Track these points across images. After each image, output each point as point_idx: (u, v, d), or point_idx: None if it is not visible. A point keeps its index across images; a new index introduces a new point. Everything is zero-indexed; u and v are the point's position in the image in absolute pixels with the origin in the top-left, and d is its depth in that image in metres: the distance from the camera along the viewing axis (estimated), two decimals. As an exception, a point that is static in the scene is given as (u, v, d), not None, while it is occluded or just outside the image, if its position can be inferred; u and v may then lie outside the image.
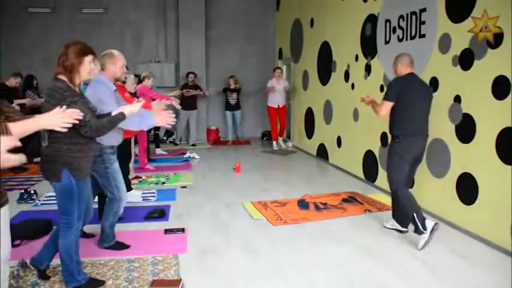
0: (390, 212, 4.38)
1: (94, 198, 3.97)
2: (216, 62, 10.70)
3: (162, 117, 3.48)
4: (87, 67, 2.88)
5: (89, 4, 10.02)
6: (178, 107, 7.40)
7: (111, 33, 10.13)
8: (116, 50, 3.60)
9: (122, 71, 3.65)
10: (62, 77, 2.82)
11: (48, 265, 3.25)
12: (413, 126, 3.92)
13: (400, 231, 4.18)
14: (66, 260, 3.00)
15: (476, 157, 4.01)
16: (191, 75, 9.61)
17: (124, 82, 4.65)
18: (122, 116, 3.05)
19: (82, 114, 2.49)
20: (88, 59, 2.87)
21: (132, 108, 3.12)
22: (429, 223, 3.74)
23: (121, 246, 3.85)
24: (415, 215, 3.75)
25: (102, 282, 3.18)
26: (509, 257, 3.59)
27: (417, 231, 3.77)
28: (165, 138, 10.27)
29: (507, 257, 3.61)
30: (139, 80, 7.28)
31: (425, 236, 3.72)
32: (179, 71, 10.15)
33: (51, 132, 2.77)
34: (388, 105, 3.97)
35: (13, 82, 7.28)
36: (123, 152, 4.81)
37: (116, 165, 3.61)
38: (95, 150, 3.09)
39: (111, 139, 3.50)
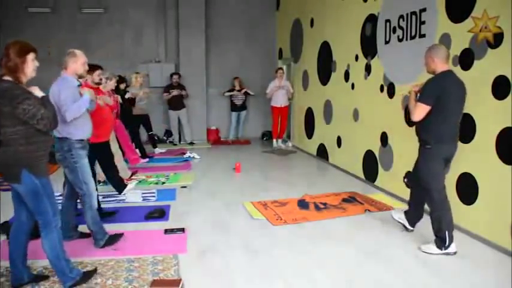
0: (390, 212, 4.39)
1: (77, 199, 3.99)
2: (216, 62, 10.70)
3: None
4: (31, 65, 2.86)
5: (89, 4, 10.01)
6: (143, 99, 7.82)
7: (111, 33, 10.13)
8: (78, 50, 3.70)
9: (83, 68, 3.71)
10: (8, 78, 2.79)
11: (30, 274, 3.18)
12: (445, 132, 3.59)
13: (406, 228, 4.16)
14: (55, 260, 3.00)
15: (476, 157, 4.01)
16: (175, 76, 9.74)
17: (98, 83, 4.73)
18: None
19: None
20: (30, 57, 2.86)
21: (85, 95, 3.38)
22: (453, 247, 3.65)
23: (114, 238, 3.93)
24: (447, 233, 3.63)
25: (94, 270, 3.27)
26: (509, 257, 3.60)
27: (439, 244, 3.68)
28: (165, 138, 10.28)
29: (507, 257, 3.61)
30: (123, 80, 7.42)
31: (439, 251, 3.67)
32: (179, 70, 10.14)
33: (4, 135, 2.76)
34: (425, 109, 3.54)
35: None
36: (105, 152, 4.84)
37: (85, 161, 3.70)
38: (51, 144, 3.05)
39: (79, 133, 3.62)
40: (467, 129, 4.10)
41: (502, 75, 3.69)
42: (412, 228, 4.14)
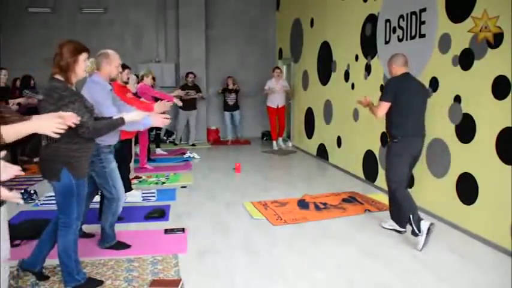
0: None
1: (94, 198, 3.98)
2: (216, 62, 10.70)
3: (158, 118, 3.49)
4: (82, 65, 2.88)
5: (89, 4, 10.02)
6: (180, 103, 7.44)
7: (111, 33, 10.13)
8: (111, 50, 3.60)
9: (118, 70, 3.65)
10: (59, 77, 2.82)
11: (42, 266, 3.22)
12: (411, 126, 3.94)
13: (399, 232, 4.18)
14: (65, 259, 3.00)
15: (476, 157, 4.01)
16: (191, 76, 9.60)
17: (126, 83, 4.67)
18: (121, 122, 3.08)
19: (78, 118, 2.50)
20: (82, 57, 2.87)
21: (133, 117, 3.15)
22: (424, 224, 3.72)
23: (122, 246, 3.85)
24: (411, 216, 3.75)
25: (101, 282, 3.18)
26: (509, 257, 3.59)
27: (413, 233, 3.78)
28: (165, 138, 10.27)
29: (507, 257, 3.61)
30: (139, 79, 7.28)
31: (421, 238, 3.71)
32: (179, 71, 10.14)
33: None
34: (386, 106, 3.98)
35: (2, 78, 6.85)
36: (124, 152, 4.82)
37: (114, 165, 3.61)
38: (93, 150, 3.09)
39: (108, 138, 3.50)
40: (467, 129, 4.10)
41: (502, 75, 3.69)
42: (404, 230, 4.15)
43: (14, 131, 2.01)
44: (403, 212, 3.91)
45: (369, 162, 6.12)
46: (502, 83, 3.69)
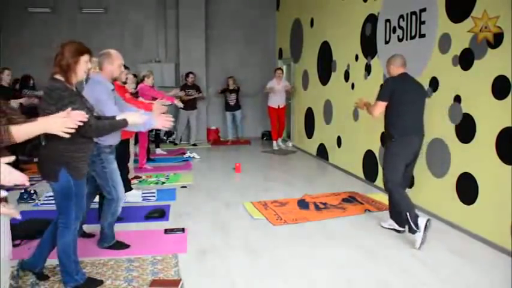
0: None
1: (94, 198, 3.98)
2: (216, 62, 10.70)
3: (161, 119, 3.48)
4: (83, 66, 2.88)
5: (89, 4, 10.02)
6: (181, 105, 7.43)
7: (111, 33, 10.13)
8: (113, 50, 3.60)
9: (120, 70, 3.65)
10: (59, 77, 2.82)
11: (43, 266, 3.23)
12: (408, 125, 3.96)
13: (398, 231, 4.18)
14: (64, 260, 3.00)
15: (476, 157, 4.01)
16: (191, 75, 9.60)
17: (125, 83, 4.67)
18: (124, 123, 3.07)
19: (86, 116, 2.47)
20: (84, 58, 2.87)
21: (136, 120, 3.13)
22: (421, 221, 3.73)
23: (121, 245, 3.85)
24: (407, 214, 3.76)
25: (101, 282, 3.18)
26: (509, 257, 3.59)
27: (411, 230, 3.79)
28: (165, 138, 10.27)
29: (507, 257, 3.61)
30: (138, 79, 7.29)
31: (419, 234, 3.72)
32: (179, 71, 10.14)
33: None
34: (381, 106, 4.01)
35: (5, 78, 6.76)
36: (123, 151, 4.82)
37: (114, 166, 3.61)
38: (92, 150, 3.09)
39: (109, 139, 3.50)
40: (467, 129, 4.10)
41: (502, 75, 3.69)
42: (403, 229, 4.15)
43: (24, 132, 2.01)
44: (400, 211, 3.92)
45: (369, 162, 6.12)
46: (502, 83, 3.69)
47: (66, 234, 2.97)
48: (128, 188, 5.31)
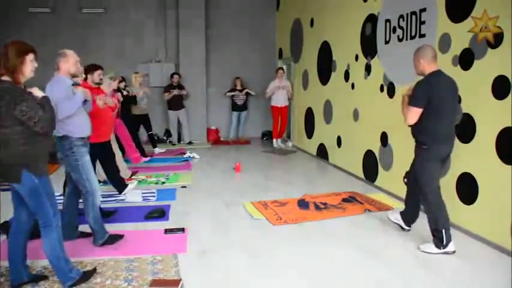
0: (389, 212, 4.39)
1: (79, 197, 3.99)
2: (216, 62, 10.70)
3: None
4: (29, 65, 2.85)
5: (89, 4, 10.01)
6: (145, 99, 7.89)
7: (111, 33, 10.13)
8: (69, 50, 3.69)
9: (76, 67, 3.70)
10: (6, 78, 2.78)
11: (29, 272, 3.18)
12: (441, 133, 3.60)
13: (402, 228, 4.16)
14: (54, 260, 3.00)
15: (476, 157, 4.01)
16: (175, 76, 9.69)
17: (99, 83, 4.71)
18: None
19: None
20: (29, 57, 2.85)
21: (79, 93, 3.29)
22: (451, 246, 3.66)
23: (115, 238, 3.92)
24: (444, 231, 3.64)
25: (94, 270, 3.27)
26: (509, 257, 3.59)
27: (437, 243, 3.68)
28: (165, 138, 10.28)
29: (507, 257, 3.61)
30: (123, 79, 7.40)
31: (438, 250, 3.67)
32: (179, 71, 10.14)
33: (3, 135, 2.77)
34: (418, 113, 3.56)
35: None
36: (106, 152, 4.85)
37: (87, 159, 3.70)
38: (50, 144, 3.06)
39: (79, 130, 3.62)
40: (467, 129, 4.10)
41: (502, 75, 3.69)
42: (408, 228, 4.14)
43: None
44: (435, 222, 3.67)
45: (369, 162, 6.12)
46: (502, 83, 3.69)
47: (49, 233, 2.96)
48: (122, 186, 5.25)
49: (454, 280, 3.26)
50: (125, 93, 7.66)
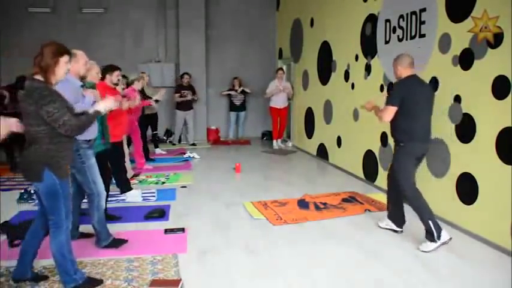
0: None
1: (82, 198, 3.98)
2: (216, 62, 10.70)
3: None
4: (63, 67, 2.88)
5: (89, 4, 10.01)
6: (154, 104, 7.70)
7: (111, 33, 10.13)
8: (78, 50, 3.67)
9: (85, 68, 3.71)
10: (39, 77, 2.82)
11: (32, 271, 3.19)
12: (416, 131, 3.86)
13: (395, 231, 4.18)
14: (61, 260, 3.00)
15: (476, 157, 4.01)
16: (186, 76, 9.64)
17: (116, 84, 4.75)
18: (97, 113, 3.07)
19: (21, 125, 2.55)
20: (64, 59, 2.88)
21: (107, 105, 3.17)
22: (445, 235, 3.70)
23: (119, 242, 3.88)
24: (430, 222, 3.70)
25: (100, 281, 3.18)
26: (509, 257, 3.59)
27: (430, 237, 3.72)
28: (165, 138, 10.28)
29: (507, 257, 3.61)
30: (127, 81, 7.36)
31: (435, 244, 3.70)
32: (179, 70, 10.14)
33: (28, 133, 2.80)
34: (392, 111, 3.87)
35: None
36: (117, 152, 4.86)
37: (93, 161, 3.69)
38: (73, 145, 3.10)
39: (86, 133, 3.56)
40: (467, 129, 4.10)
41: (502, 75, 3.69)
42: (401, 229, 4.16)
43: None
44: (421, 216, 3.80)
45: (369, 162, 6.12)
46: (502, 83, 3.69)
47: (59, 234, 2.96)
48: (127, 188, 5.31)
49: (454, 280, 3.26)
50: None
